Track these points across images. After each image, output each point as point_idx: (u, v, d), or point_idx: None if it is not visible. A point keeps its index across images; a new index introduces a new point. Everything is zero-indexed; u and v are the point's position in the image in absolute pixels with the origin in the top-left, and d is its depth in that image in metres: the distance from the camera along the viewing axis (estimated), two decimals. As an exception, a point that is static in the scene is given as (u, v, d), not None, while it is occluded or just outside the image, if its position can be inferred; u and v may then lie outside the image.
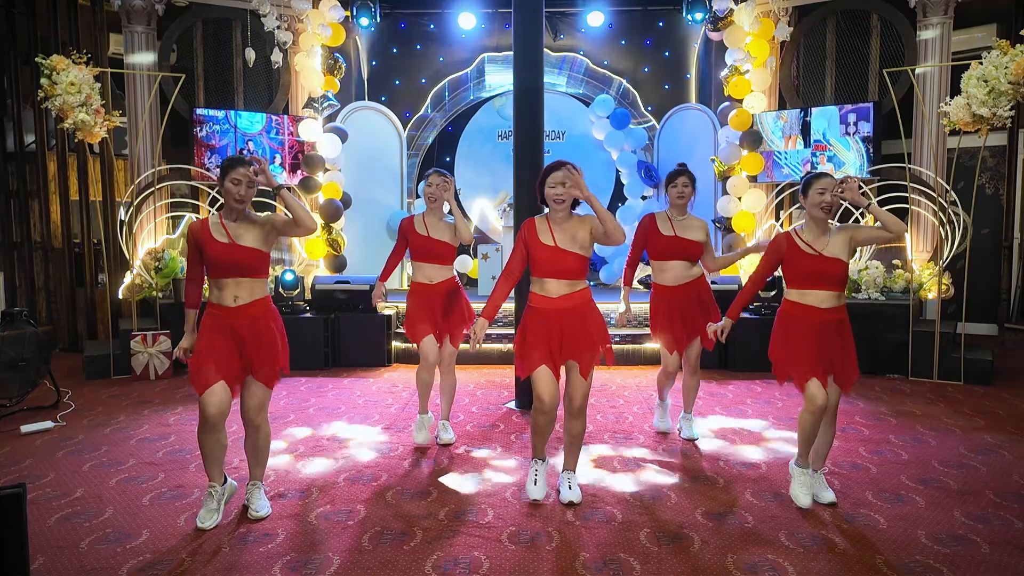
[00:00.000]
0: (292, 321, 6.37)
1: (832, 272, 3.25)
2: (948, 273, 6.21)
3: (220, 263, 3.12)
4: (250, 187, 3.14)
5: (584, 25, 8.78)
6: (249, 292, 3.17)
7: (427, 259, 4.27)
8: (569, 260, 3.27)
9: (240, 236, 3.15)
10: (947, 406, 5.15)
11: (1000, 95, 5.26)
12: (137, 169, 6.81)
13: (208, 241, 3.13)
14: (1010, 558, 2.87)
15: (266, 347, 3.19)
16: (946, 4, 6.54)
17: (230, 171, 3.12)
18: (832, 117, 6.91)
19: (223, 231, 3.15)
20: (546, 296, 3.31)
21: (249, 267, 3.16)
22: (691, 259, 4.20)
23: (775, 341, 3.40)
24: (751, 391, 5.61)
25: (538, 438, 3.49)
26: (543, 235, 3.30)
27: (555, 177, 3.24)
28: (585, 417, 3.42)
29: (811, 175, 3.35)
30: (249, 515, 3.26)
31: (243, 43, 7.39)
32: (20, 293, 7.52)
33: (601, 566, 2.82)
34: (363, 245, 8.04)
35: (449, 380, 4.39)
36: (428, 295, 4.27)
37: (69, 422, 4.83)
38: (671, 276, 4.21)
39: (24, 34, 7.38)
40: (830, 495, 3.40)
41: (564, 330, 3.30)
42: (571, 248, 3.27)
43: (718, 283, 6.50)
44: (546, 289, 3.31)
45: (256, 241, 3.17)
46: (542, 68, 5.07)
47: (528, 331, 3.34)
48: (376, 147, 8.25)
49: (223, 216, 3.20)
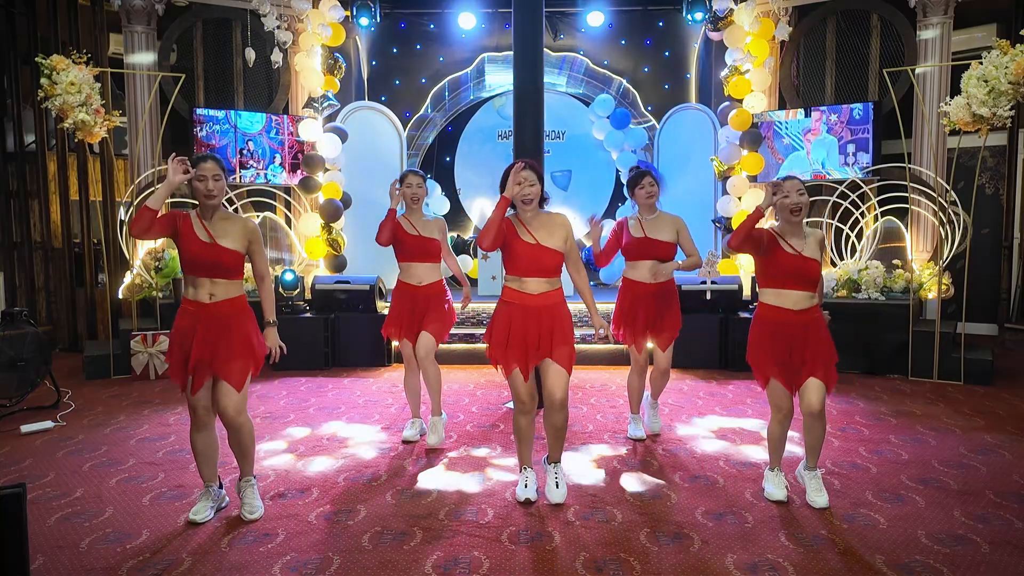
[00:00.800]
0: (292, 321, 6.38)
1: (810, 272, 3.27)
2: (948, 273, 6.21)
3: (199, 262, 3.11)
4: (216, 181, 3.13)
5: (584, 25, 8.78)
6: (225, 291, 3.16)
7: (419, 259, 4.23)
8: (547, 257, 3.31)
9: (220, 236, 3.14)
10: (947, 406, 5.15)
11: (1000, 95, 5.26)
12: (137, 169, 6.81)
13: (188, 236, 3.12)
14: (1010, 558, 2.87)
15: (235, 347, 3.15)
16: (946, 4, 6.54)
17: (195, 168, 3.13)
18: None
19: (204, 230, 3.14)
20: (525, 293, 3.33)
21: (227, 268, 3.15)
22: (662, 258, 4.21)
23: (751, 346, 3.42)
24: (751, 391, 5.61)
25: (524, 444, 3.51)
26: (522, 233, 3.33)
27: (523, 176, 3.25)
28: (567, 409, 3.44)
29: (776, 180, 3.38)
30: (243, 516, 3.25)
31: (243, 43, 7.39)
32: (20, 293, 7.52)
33: (601, 566, 2.82)
34: (363, 245, 8.02)
35: (430, 372, 4.26)
36: (412, 297, 4.25)
37: (69, 422, 4.83)
38: (645, 273, 4.22)
39: (24, 34, 7.38)
40: (823, 499, 3.34)
41: (542, 328, 3.33)
42: (550, 244, 3.31)
43: (718, 283, 6.51)
44: (525, 287, 3.33)
45: (235, 243, 3.16)
46: (542, 68, 5.07)
47: (504, 328, 3.35)
48: (376, 147, 8.24)
49: (200, 215, 3.19)
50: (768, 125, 7.26)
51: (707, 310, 6.43)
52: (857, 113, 6.78)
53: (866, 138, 6.72)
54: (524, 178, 3.27)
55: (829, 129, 6.94)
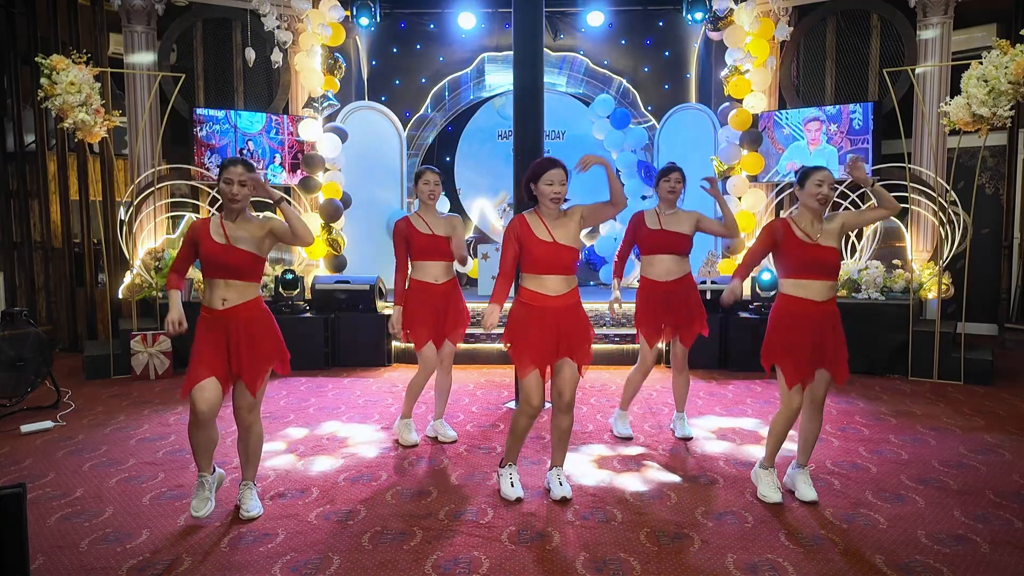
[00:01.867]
0: (292, 321, 6.38)
1: (828, 260, 3.26)
2: (948, 273, 6.21)
3: (213, 263, 3.14)
4: (242, 186, 3.13)
5: (584, 25, 8.79)
6: (239, 294, 3.17)
7: (433, 257, 4.21)
8: (566, 255, 3.31)
9: (237, 239, 3.15)
10: (947, 406, 5.15)
11: (1000, 95, 5.26)
12: (137, 169, 6.81)
13: (205, 240, 3.15)
14: (1010, 558, 2.87)
15: (257, 348, 3.18)
16: (946, 4, 6.54)
17: (223, 171, 3.15)
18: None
19: (221, 232, 3.16)
20: (545, 294, 3.31)
21: (242, 270, 3.16)
22: (680, 253, 4.22)
23: (773, 342, 3.39)
24: (751, 391, 5.61)
25: (517, 442, 3.51)
26: (539, 231, 3.30)
27: (555, 175, 3.24)
28: (573, 411, 3.44)
29: (809, 167, 3.36)
30: (240, 515, 3.26)
31: (243, 43, 7.39)
32: (20, 293, 7.52)
33: (601, 566, 2.82)
34: (363, 245, 8.04)
35: (448, 380, 4.39)
36: (431, 296, 4.21)
37: (69, 422, 4.83)
38: (661, 270, 4.23)
39: (24, 34, 7.38)
40: (811, 493, 3.36)
41: (561, 328, 3.32)
42: (568, 243, 3.31)
43: (719, 282, 6.50)
44: (545, 286, 3.31)
45: (252, 245, 3.17)
46: (542, 68, 5.07)
47: (524, 329, 3.33)
48: (376, 147, 8.25)
49: (223, 217, 3.21)
50: (768, 115, 7.27)
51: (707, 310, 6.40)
52: (857, 123, 6.81)
53: (866, 148, 6.75)
54: (555, 176, 3.24)
55: (829, 139, 6.97)
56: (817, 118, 7.06)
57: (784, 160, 7.10)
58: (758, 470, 3.55)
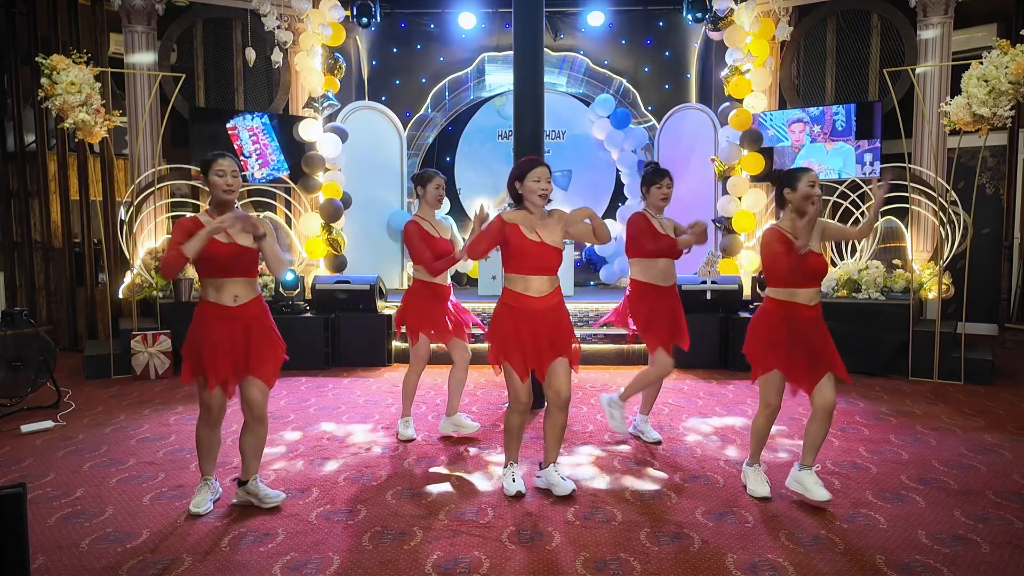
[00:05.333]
0: (292, 321, 6.39)
1: (819, 267, 3.27)
2: (948, 273, 6.21)
3: (223, 263, 3.12)
4: (235, 176, 3.15)
5: (584, 25, 8.79)
6: (246, 290, 3.19)
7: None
8: (552, 256, 3.35)
9: (238, 235, 3.16)
10: (947, 406, 5.15)
11: (1000, 95, 5.26)
12: (137, 169, 6.81)
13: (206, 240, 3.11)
14: (1010, 558, 2.87)
15: (267, 344, 3.23)
16: (946, 4, 6.54)
17: (212, 165, 3.13)
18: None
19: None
20: (529, 296, 3.35)
21: (249, 265, 3.19)
22: (675, 257, 4.22)
23: (753, 337, 3.40)
24: (751, 391, 5.60)
25: (514, 441, 3.55)
26: (528, 232, 3.33)
27: (541, 172, 3.31)
28: (568, 409, 3.48)
29: (794, 168, 3.35)
30: (264, 505, 3.30)
31: (243, 43, 7.39)
32: (20, 293, 7.52)
33: (601, 566, 2.82)
34: (363, 245, 8.04)
35: (464, 375, 4.48)
36: (442, 296, 4.34)
37: (69, 422, 4.83)
38: (663, 275, 4.19)
39: (24, 34, 7.38)
40: (823, 492, 3.29)
41: (549, 329, 3.36)
42: (554, 244, 3.36)
43: (718, 282, 6.51)
44: (530, 288, 3.35)
45: (249, 239, 3.18)
46: (542, 68, 5.07)
47: (506, 330, 3.36)
48: (376, 147, 8.25)
49: (214, 214, 3.17)
50: (753, 117, 7.28)
51: (707, 310, 6.43)
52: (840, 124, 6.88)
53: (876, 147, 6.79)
54: (540, 174, 3.31)
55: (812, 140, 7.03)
56: (801, 119, 7.07)
57: (800, 159, 7.10)
58: (745, 468, 3.60)
